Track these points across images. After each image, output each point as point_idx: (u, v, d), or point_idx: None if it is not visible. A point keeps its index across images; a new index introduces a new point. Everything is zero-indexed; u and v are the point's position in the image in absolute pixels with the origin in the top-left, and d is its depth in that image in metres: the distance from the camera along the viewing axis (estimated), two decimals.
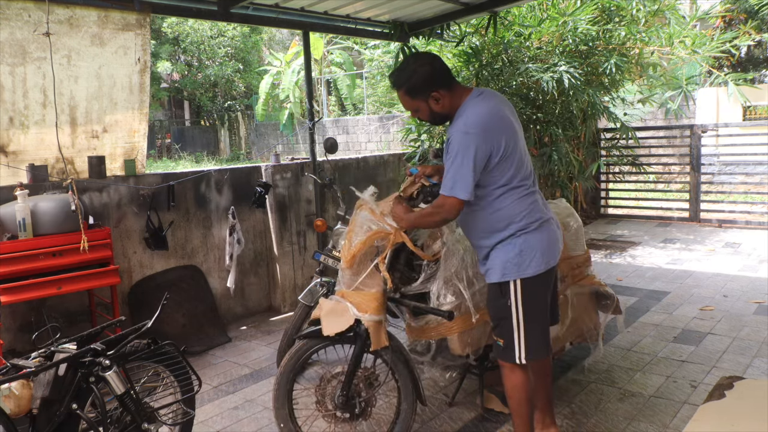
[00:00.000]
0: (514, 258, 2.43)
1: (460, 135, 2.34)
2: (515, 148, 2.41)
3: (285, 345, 3.68)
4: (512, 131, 2.42)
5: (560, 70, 5.96)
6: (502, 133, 2.37)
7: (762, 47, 13.86)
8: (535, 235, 2.44)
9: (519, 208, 2.43)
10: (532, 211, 2.45)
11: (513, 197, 2.43)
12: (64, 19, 3.87)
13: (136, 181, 4.33)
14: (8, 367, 2.10)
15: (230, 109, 23.76)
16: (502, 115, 2.42)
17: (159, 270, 4.48)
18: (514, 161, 2.40)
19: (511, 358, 2.50)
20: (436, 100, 2.45)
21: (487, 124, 2.35)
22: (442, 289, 2.74)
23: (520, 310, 2.46)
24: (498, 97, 2.53)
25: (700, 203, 8.33)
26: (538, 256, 2.44)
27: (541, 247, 2.45)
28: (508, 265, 2.44)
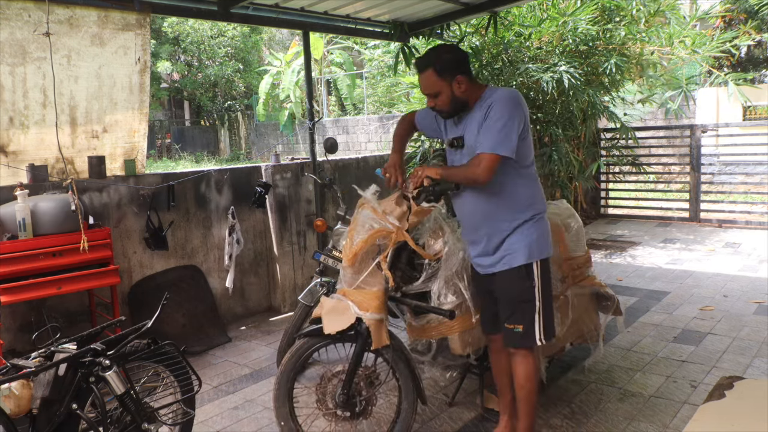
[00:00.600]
0: (536, 240, 2.56)
1: (506, 100, 2.48)
2: (531, 139, 2.61)
3: (285, 345, 3.67)
4: (528, 119, 2.59)
5: (560, 70, 5.96)
6: (525, 114, 2.55)
7: (762, 47, 13.86)
8: (545, 221, 2.64)
9: (537, 190, 2.64)
10: (543, 198, 2.65)
11: (533, 179, 2.63)
12: (64, 19, 3.87)
13: (136, 181, 4.33)
14: (8, 367, 2.10)
15: (230, 109, 23.76)
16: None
17: (159, 270, 4.48)
18: (530, 146, 2.59)
19: (531, 342, 2.57)
20: (459, 84, 2.54)
21: (521, 99, 2.55)
22: (443, 288, 2.74)
23: (540, 292, 2.58)
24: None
25: (700, 203, 8.33)
26: (549, 239, 2.64)
27: (548, 232, 2.65)
28: (533, 247, 2.55)
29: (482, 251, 2.65)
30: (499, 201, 2.56)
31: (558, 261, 3.27)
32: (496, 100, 2.50)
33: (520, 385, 2.63)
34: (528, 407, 2.63)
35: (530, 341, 2.57)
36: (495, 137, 2.44)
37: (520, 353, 2.61)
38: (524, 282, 2.57)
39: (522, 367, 2.61)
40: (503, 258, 2.58)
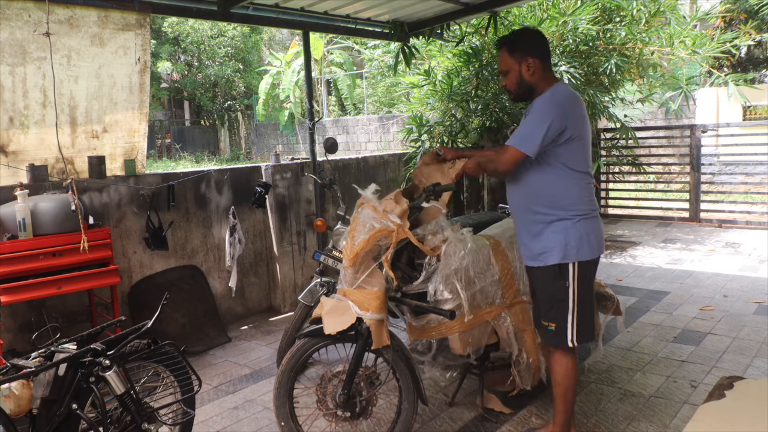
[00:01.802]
0: (574, 241, 2.55)
1: (544, 101, 2.52)
2: (586, 140, 2.59)
3: (285, 345, 3.68)
4: (584, 122, 2.58)
5: (560, 70, 5.96)
6: (578, 118, 2.54)
7: (762, 47, 13.86)
8: (591, 222, 2.60)
9: (584, 193, 2.59)
10: (592, 200, 2.63)
11: (581, 182, 2.59)
12: (64, 19, 3.87)
13: (136, 181, 4.33)
14: (8, 367, 2.10)
15: (230, 109, 23.77)
16: (581, 105, 2.60)
17: (159, 270, 4.48)
18: (583, 150, 2.58)
19: (563, 342, 2.59)
20: (528, 68, 2.57)
21: (569, 103, 2.53)
22: (440, 285, 2.73)
23: (575, 293, 2.58)
24: (578, 95, 2.66)
25: (700, 203, 8.33)
26: (594, 241, 2.59)
27: (596, 233, 2.61)
28: (569, 248, 2.55)
29: (523, 242, 2.72)
30: (545, 187, 2.59)
31: None
32: (537, 101, 2.56)
33: (556, 382, 2.67)
34: (564, 405, 2.66)
35: (562, 341, 2.60)
36: (521, 133, 2.52)
37: (557, 352, 2.65)
38: (558, 281, 2.59)
39: (559, 366, 2.65)
40: (540, 255, 2.62)
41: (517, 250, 3.07)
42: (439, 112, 7.11)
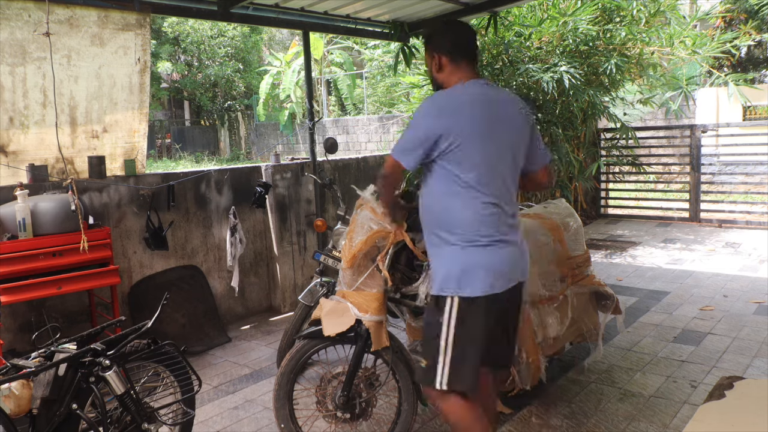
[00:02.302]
0: (456, 272, 2.16)
1: (422, 105, 2.25)
2: (484, 152, 2.15)
3: (285, 345, 3.68)
4: (488, 132, 2.16)
5: (560, 71, 5.96)
6: (468, 123, 2.15)
7: (762, 47, 13.85)
8: (483, 253, 2.15)
9: (480, 215, 2.15)
10: (487, 226, 2.16)
11: (475, 201, 2.16)
12: (64, 19, 3.87)
13: (136, 181, 4.33)
14: (8, 367, 2.10)
15: (230, 109, 23.76)
16: (483, 112, 2.18)
17: (159, 270, 4.48)
18: (478, 164, 2.15)
19: (431, 383, 2.21)
20: (435, 64, 2.32)
21: (454, 106, 2.17)
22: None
23: (451, 334, 2.17)
24: (497, 95, 2.27)
25: (700, 203, 8.33)
26: (482, 275, 2.14)
27: (486, 266, 2.15)
28: (449, 279, 2.17)
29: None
30: (429, 212, 2.28)
31: (557, 260, 3.27)
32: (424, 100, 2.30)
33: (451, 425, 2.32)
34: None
35: (431, 382, 2.21)
36: (400, 140, 2.26)
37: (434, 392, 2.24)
38: (434, 315, 2.22)
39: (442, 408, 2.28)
40: (431, 280, 2.33)
41: None
42: None
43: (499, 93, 2.31)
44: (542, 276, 3.16)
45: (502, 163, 2.21)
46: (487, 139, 2.16)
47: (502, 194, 2.21)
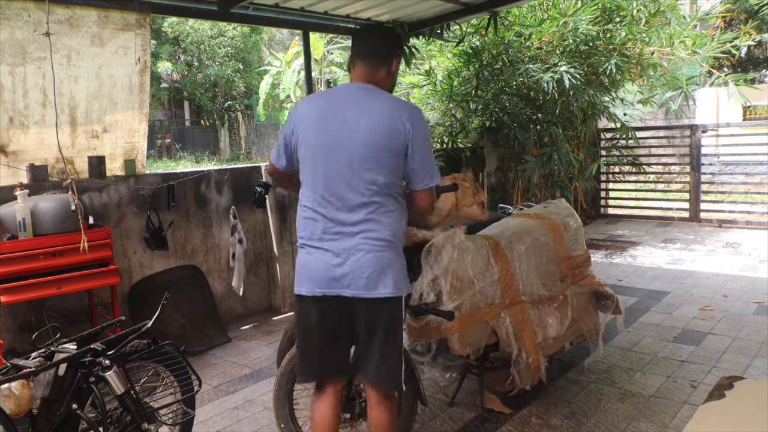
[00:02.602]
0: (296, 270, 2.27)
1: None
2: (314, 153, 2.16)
3: (285, 345, 3.67)
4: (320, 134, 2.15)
5: (560, 71, 5.97)
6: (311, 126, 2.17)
7: (762, 47, 13.86)
8: (302, 254, 2.23)
9: (299, 218, 2.25)
10: (303, 228, 2.22)
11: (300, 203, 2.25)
12: (64, 19, 3.87)
13: (136, 181, 4.33)
14: (8, 367, 2.10)
15: (230, 109, 23.77)
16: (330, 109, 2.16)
17: (159, 270, 4.48)
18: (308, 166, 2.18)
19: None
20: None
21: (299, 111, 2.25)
22: (426, 288, 2.72)
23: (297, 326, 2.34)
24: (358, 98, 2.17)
25: (700, 203, 8.33)
26: (302, 275, 2.22)
27: (303, 267, 2.22)
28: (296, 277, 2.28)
29: None
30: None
31: (557, 260, 3.27)
32: None
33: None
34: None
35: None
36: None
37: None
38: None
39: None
40: None
41: (517, 250, 3.07)
42: (439, 112, 7.12)
43: (364, 97, 2.16)
44: (542, 276, 3.17)
45: (332, 168, 2.13)
46: (318, 141, 2.15)
47: (327, 200, 2.15)
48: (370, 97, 2.16)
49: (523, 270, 3.07)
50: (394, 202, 2.17)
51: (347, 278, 2.14)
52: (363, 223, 2.12)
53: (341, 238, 2.14)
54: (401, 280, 2.19)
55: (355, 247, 2.12)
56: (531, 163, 6.49)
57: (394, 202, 2.17)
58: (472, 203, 2.91)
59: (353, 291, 2.14)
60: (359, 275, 2.12)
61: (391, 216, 2.15)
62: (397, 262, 2.18)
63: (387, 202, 2.14)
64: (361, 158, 2.10)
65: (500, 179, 7.62)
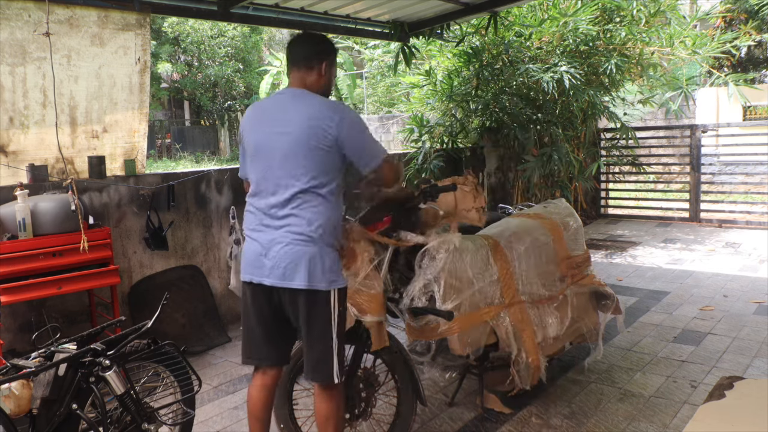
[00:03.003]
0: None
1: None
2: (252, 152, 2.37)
3: None
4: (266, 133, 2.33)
5: (560, 71, 5.96)
6: (251, 129, 2.40)
7: (762, 47, 13.86)
8: (245, 243, 2.43)
9: (245, 210, 2.43)
10: (245, 219, 2.43)
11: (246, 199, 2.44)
12: (64, 19, 3.87)
13: (136, 181, 4.33)
14: (8, 367, 2.10)
15: (230, 109, 23.76)
16: (268, 114, 2.37)
17: (159, 270, 4.48)
18: (249, 165, 2.40)
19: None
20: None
21: (245, 118, 2.46)
22: (417, 292, 2.72)
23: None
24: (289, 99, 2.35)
25: (700, 203, 8.33)
26: (242, 263, 2.41)
27: (242, 255, 2.42)
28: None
29: None
30: None
31: (557, 260, 3.27)
32: None
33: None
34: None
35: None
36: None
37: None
38: None
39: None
40: None
41: (516, 250, 3.07)
42: (439, 112, 7.12)
43: (293, 100, 2.33)
44: (542, 276, 3.17)
45: (264, 166, 2.32)
46: (255, 142, 2.36)
47: (262, 193, 2.34)
48: (298, 100, 2.33)
49: (523, 270, 3.07)
50: (321, 199, 2.29)
51: (267, 268, 2.29)
52: (287, 217, 2.27)
53: (267, 230, 2.31)
54: (323, 274, 2.27)
55: (275, 240, 2.28)
56: (531, 163, 6.49)
57: (321, 198, 2.29)
58: (471, 208, 2.91)
59: (272, 280, 2.29)
60: (278, 266, 2.27)
61: (314, 211, 2.27)
62: (320, 256, 2.27)
63: (312, 198, 2.27)
64: (288, 156, 2.26)
65: (500, 179, 7.63)
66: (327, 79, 2.43)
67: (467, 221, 2.94)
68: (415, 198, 2.76)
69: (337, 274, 2.34)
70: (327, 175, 2.29)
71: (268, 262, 2.29)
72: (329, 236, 2.31)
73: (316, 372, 2.36)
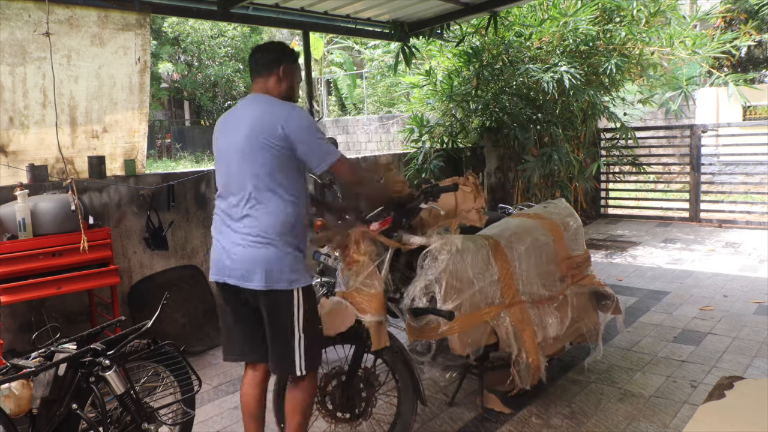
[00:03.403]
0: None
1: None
2: (217, 157, 2.46)
3: None
4: (227, 137, 2.42)
5: (561, 71, 5.96)
6: (217, 137, 2.49)
7: (762, 47, 13.86)
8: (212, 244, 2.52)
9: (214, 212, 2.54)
10: (213, 222, 2.52)
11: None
12: (64, 19, 3.87)
13: (136, 181, 4.33)
14: (8, 367, 2.10)
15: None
16: (230, 120, 2.47)
17: (159, 270, 4.48)
18: (218, 167, 2.47)
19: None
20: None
21: (216, 125, 2.54)
22: (418, 293, 2.72)
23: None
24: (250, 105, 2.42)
25: (700, 203, 8.33)
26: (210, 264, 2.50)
27: (211, 257, 2.49)
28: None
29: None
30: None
31: (557, 260, 3.27)
32: None
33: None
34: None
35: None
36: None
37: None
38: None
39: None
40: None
41: (517, 250, 3.07)
42: (439, 112, 7.12)
43: (251, 104, 2.41)
44: (542, 276, 3.17)
45: (224, 169, 2.42)
46: (218, 146, 2.45)
47: (224, 195, 2.42)
48: (254, 104, 2.40)
49: (523, 270, 3.07)
50: (277, 199, 2.31)
51: (229, 269, 2.37)
52: (244, 218, 2.34)
53: (228, 231, 2.39)
54: (282, 275, 2.31)
55: (235, 242, 2.35)
56: (531, 163, 6.49)
57: (277, 198, 2.31)
58: (472, 208, 2.91)
59: (234, 281, 2.36)
60: (237, 267, 2.34)
61: (268, 212, 2.31)
62: (277, 258, 2.31)
63: (267, 198, 2.31)
64: (244, 157, 2.31)
65: (500, 179, 7.63)
66: (288, 84, 2.47)
67: (467, 222, 2.94)
68: (416, 198, 2.76)
69: (300, 273, 2.38)
70: (282, 174, 2.31)
71: (229, 263, 2.36)
72: (288, 236, 2.34)
73: (276, 367, 2.46)
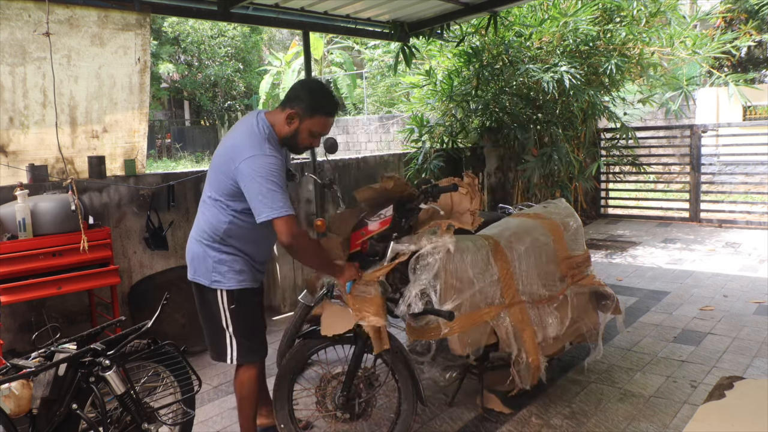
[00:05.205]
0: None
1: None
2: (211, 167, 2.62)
3: (285, 345, 3.68)
4: (221, 144, 2.61)
5: (561, 71, 5.96)
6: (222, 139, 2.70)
7: (762, 47, 13.86)
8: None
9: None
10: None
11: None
12: (64, 19, 3.87)
13: (136, 181, 4.33)
14: (8, 367, 2.10)
15: (230, 109, 23.77)
16: (230, 131, 2.66)
17: (159, 270, 4.48)
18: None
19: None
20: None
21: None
22: (413, 299, 2.70)
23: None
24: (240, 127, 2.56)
25: (700, 203, 8.33)
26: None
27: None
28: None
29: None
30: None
31: (557, 260, 3.27)
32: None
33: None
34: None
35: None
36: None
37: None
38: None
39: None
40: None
41: (516, 250, 3.07)
42: (439, 112, 7.12)
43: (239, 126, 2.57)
44: (542, 276, 3.16)
45: (208, 180, 2.61)
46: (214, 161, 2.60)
47: (202, 204, 2.65)
48: (243, 127, 2.53)
49: (523, 270, 3.07)
50: (218, 210, 2.54)
51: (195, 270, 2.63)
52: (197, 218, 2.66)
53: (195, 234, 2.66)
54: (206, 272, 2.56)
55: (196, 243, 2.63)
56: (531, 163, 6.49)
57: (218, 209, 2.54)
58: (467, 210, 2.90)
59: (197, 278, 2.62)
60: (195, 267, 2.63)
61: (205, 218, 2.58)
62: (202, 256, 2.57)
63: (210, 206, 2.56)
64: (212, 169, 2.57)
65: (500, 179, 7.62)
66: (291, 130, 2.51)
67: (459, 224, 2.88)
68: (416, 198, 2.76)
69: (223, 276, 2.55)
70: (230, 198, 2.49)
71: (194, 264, 2.64)
72: (216, 243, 2.55)
73: (210, 350, 2.73)
